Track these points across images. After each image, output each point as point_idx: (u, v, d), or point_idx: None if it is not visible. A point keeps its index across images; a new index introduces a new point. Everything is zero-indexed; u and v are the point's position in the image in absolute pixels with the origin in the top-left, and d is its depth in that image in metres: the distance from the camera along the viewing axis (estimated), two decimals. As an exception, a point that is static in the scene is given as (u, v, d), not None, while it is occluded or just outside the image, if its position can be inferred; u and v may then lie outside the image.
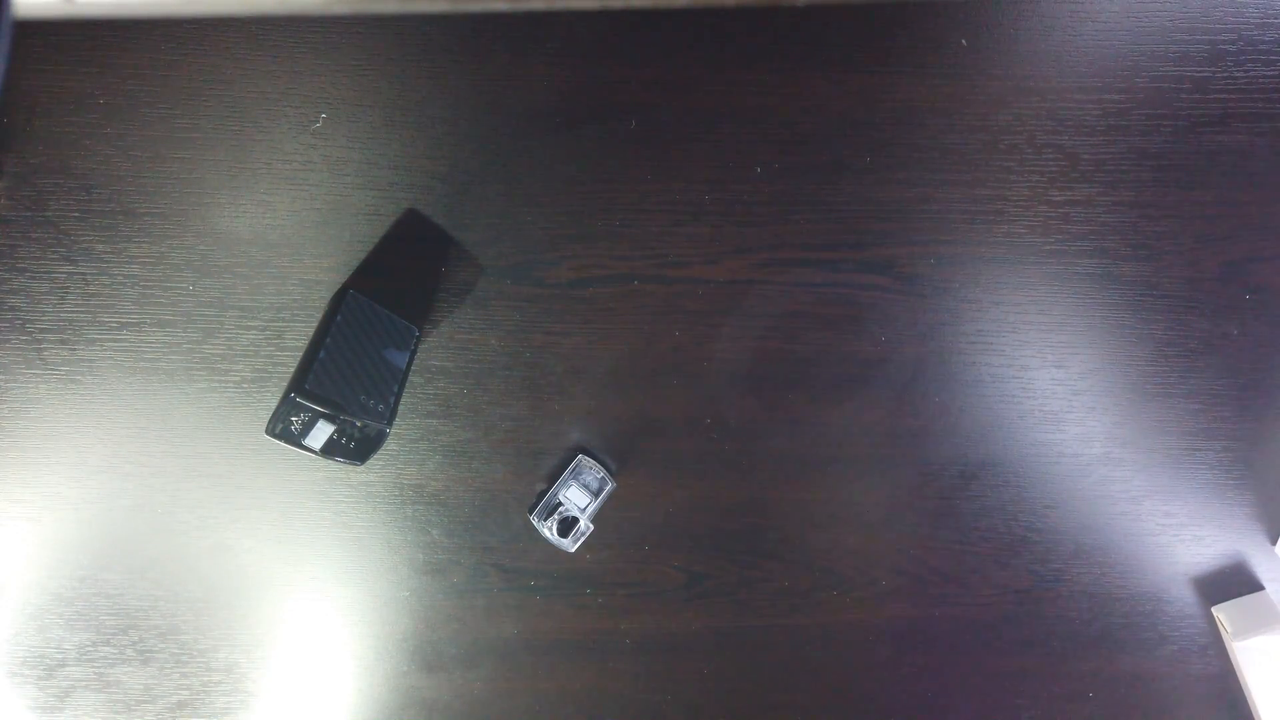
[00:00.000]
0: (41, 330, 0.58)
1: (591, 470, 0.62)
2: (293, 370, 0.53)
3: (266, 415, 0.50)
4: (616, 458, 0.63)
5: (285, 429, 0.51)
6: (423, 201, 0.58)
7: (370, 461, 0.57)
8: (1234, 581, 0.67)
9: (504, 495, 0.63)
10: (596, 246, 0.59)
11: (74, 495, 0.62)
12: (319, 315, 0.59)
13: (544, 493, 0.62)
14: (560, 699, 0.67)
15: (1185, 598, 0.67)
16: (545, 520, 0.62)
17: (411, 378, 0.60)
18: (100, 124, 0.55)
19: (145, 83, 0.55)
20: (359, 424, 0.53)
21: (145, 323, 0.59)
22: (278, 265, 0.58)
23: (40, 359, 0.59)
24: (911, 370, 0.62)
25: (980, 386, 0.63)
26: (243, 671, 0.66)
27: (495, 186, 0.58)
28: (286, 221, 0.58)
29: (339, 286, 0.59)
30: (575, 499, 0.62)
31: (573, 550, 0.63)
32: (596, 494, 0.62)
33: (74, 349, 0.59)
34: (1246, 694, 0.66)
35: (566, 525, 0.62)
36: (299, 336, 0.59)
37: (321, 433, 0.52)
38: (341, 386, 0.52)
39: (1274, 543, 0.66)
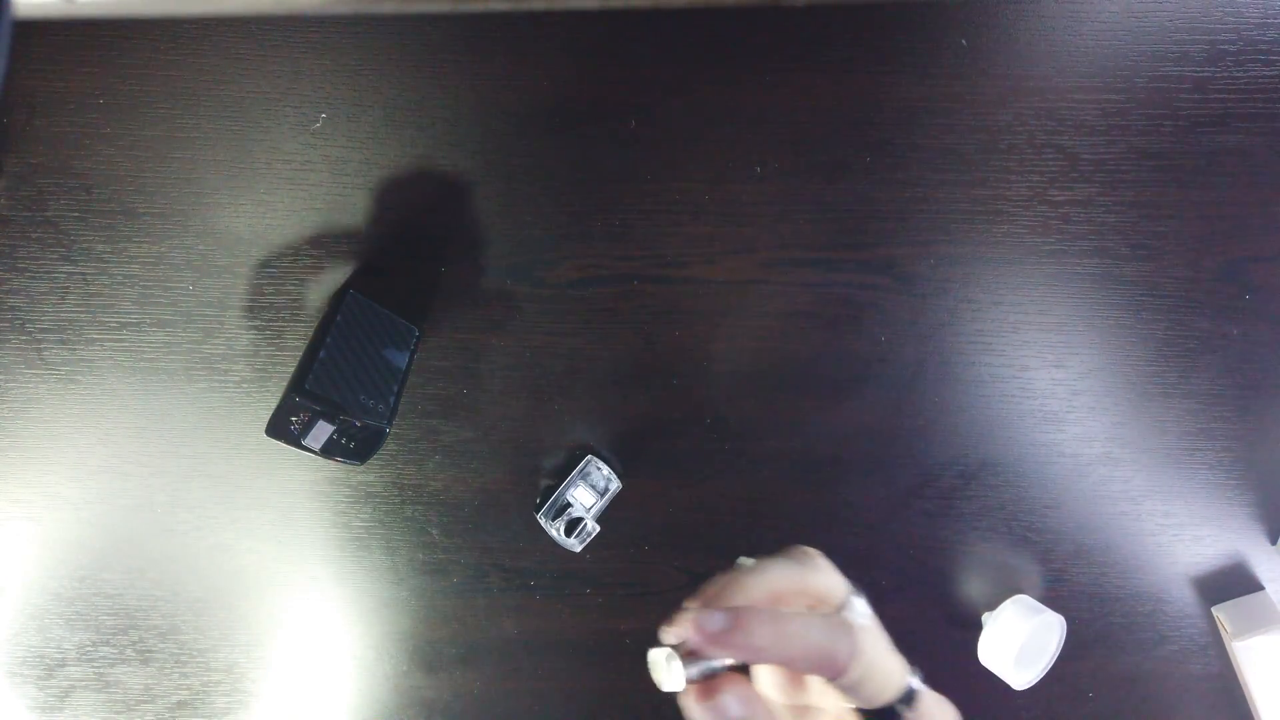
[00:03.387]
0: (41, 330, 0.58)
1: (599, 470, 0.62)
2: (293, 370, 0.53)
3: (266, 415, 0.50)
4: (616, 457, 0.63)
5: (285, 429, 0.51)
6: (423, 201, 0.58)
7: (370, 461, 0.57)
8: (1234, 581, 0.67)
9: (504, 495, 0.63)
10: (596, 246, 0.59)
11: (74, 495, 0.62)
12: (319, 315, 0.59)
13: (550, 490, 0.62)
14: (560, 699, 0.67)
15: (1185, 598, 0.67)
16: (554, 520, 0.62)
17: (411, 378, 0.60)
18: (100, 124, 0.55)
19: (145, 83, 0.55)
20: (359, 424, 0.53)
21: (145, 323, 0.59)
22: (278, 265, 0.58)
23: (40, 359, 0.59)
24: (911, 370, 0.62)
25: (980, 386, 0.63)
26: (243, 671, 0.66)
27: (495, 186, 0.58)
28: (286, 221, 0.58)
29: (339, 286, 0.59)
30: (582, 498, 0.62)
31: (578, 550, 0.63)
32: (602, 494, 0.62)
33: (74, 349, 0.59)
34: (1246, 694, 0.66)
35: (572, 525, 0.62)
36: (299, 336, 0.59)
37: (321, 433, 0.52)
38: (341, 386, 0.52)
39: (1274, 543, 0.66)
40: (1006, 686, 0.64)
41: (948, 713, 0.29)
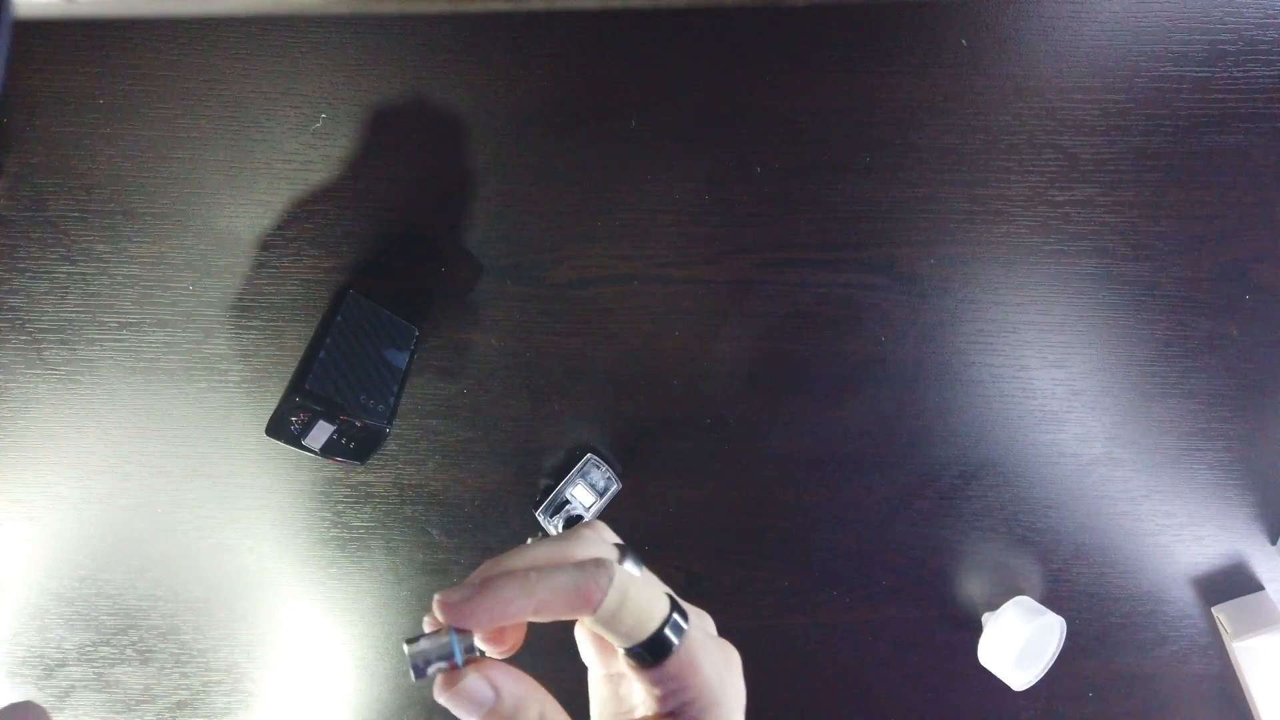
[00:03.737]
0: (41, 330, 0.58)
1: (599, 470, 0.62)
2: (293, 370, 0.53)
3: (266, 415, 0.50)
4: (616, 457, 0.63)
5: (285, 429, 0.51)
6: (423, 201, 0.58)
7: (370, 461, 0.57)
8: (1234, 581, 0.67)
9: (504, 495, 0.63)
10: (596, 246, 0.59)
11: (74, 495, 0.62)
12: (319, 315, 0.59)
13: (549, 489, 0.62)
14: (560, 699, 0.67)
15: (1185, 598, 0.67)
16: (552, 517, 0.62)
17: (411, 378, 0.60)
18: (100, 124, 0.55)
19: (145, 83, 0.55)
20: (359, 424, 0.53)
21: (145, 323, 0.59)
22: (278, 265, 0.58)
23: (40, 359, 0.59)
24: (911, 370, 0.62)
25: (980, 386, 0.63)
26: (243, 671, 0.66)
27: (495, 186, 0.58)
28: (286, 221, 0.58)
29: (339, 286, 0.59)
30: (581, 497, 0.62)
31: (573, 550, 0.63)
32: (602, 494, 0.62)
33: (74, 349, 0.59)
34: (1246, 694, 0.66)
35: (570, 523, 0.62)
36: (299, 336, 0.59)
37: (321, 433, 0.52)
38: (341, 386, 0.53)
39: (1274, 543, 0.66)
40: (1006, 686, 0.64)
41: (717, 661, 0.28)
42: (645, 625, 0.26)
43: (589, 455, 0.62)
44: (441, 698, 0.25)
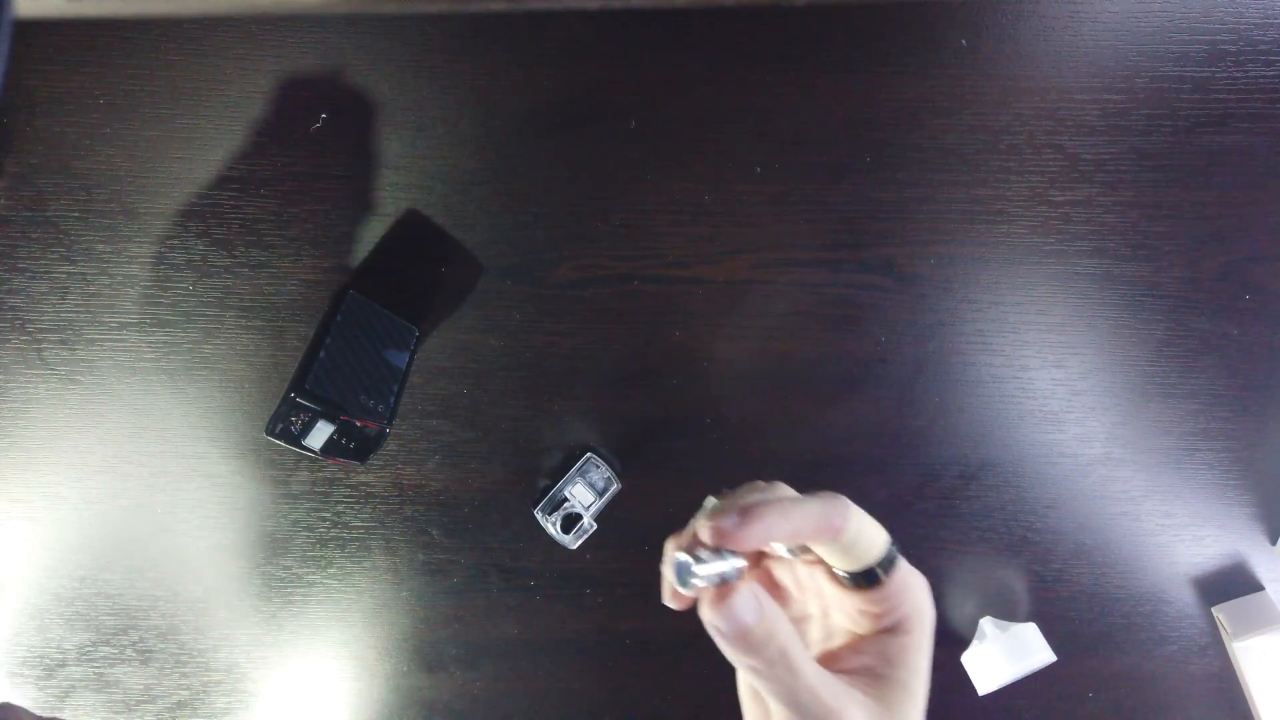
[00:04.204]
0: (41, 330, 0.58)
1: (599, 469, 0.62)
2: (293, 370, 0.53)
3: (266, 415, 0.50)
4: (616, 457, 0.63)
5: (285, 429, 0.51)
6: (423, 201, 0.58)
7: (370, 461, 0.57)
8: (1234, 581, 0.67)
9: (504, 495, 0.63)
10: (596, 246, 0.59)
11: (74, 495, 0.62)
12: (319, 315, 0.59)
13: (548, 488, 0.62)
14: (560, 699, 0.67)
15: (1185, 598, 0.67)
16: (550, 515, 0.62)
17: (411, 378, 0.60)
18: (100, 124, 0.55)
19: (145, 83, 0.55)
20: (359, 424, 0.53)
21: (145, 323, 0.59)
22: (278, 265, 0.58)
23: (40, 359, 0.59)
24: (911, 370, 0.62)
25: (980, 386, 0.63)
26: (243, 671, 0.66)
27: (495, 186, 0.58)
28: (286, 221, 0.58)
29: (339, 286, 0.59)
30: (580, 497, 0.62)
31: (574, 547, 0.63)
32: (601, 494, 0.62)
33: (74, 349, 0.59)
34: (1246, 694, 0.66)
35: (570, 521, 0.62)
36: (299, 336, 0.59)
37: (321, 433, 0.52)
38: (341, 386, 0.53)
39: (1274, 543, 0.66)
40: (1006, 686, 0.64)
41: (920, 582, 0.33)
42: (874, 549, 0.31)
43: (589, 455, 0.62)
44: (710, 612, 0.28)
